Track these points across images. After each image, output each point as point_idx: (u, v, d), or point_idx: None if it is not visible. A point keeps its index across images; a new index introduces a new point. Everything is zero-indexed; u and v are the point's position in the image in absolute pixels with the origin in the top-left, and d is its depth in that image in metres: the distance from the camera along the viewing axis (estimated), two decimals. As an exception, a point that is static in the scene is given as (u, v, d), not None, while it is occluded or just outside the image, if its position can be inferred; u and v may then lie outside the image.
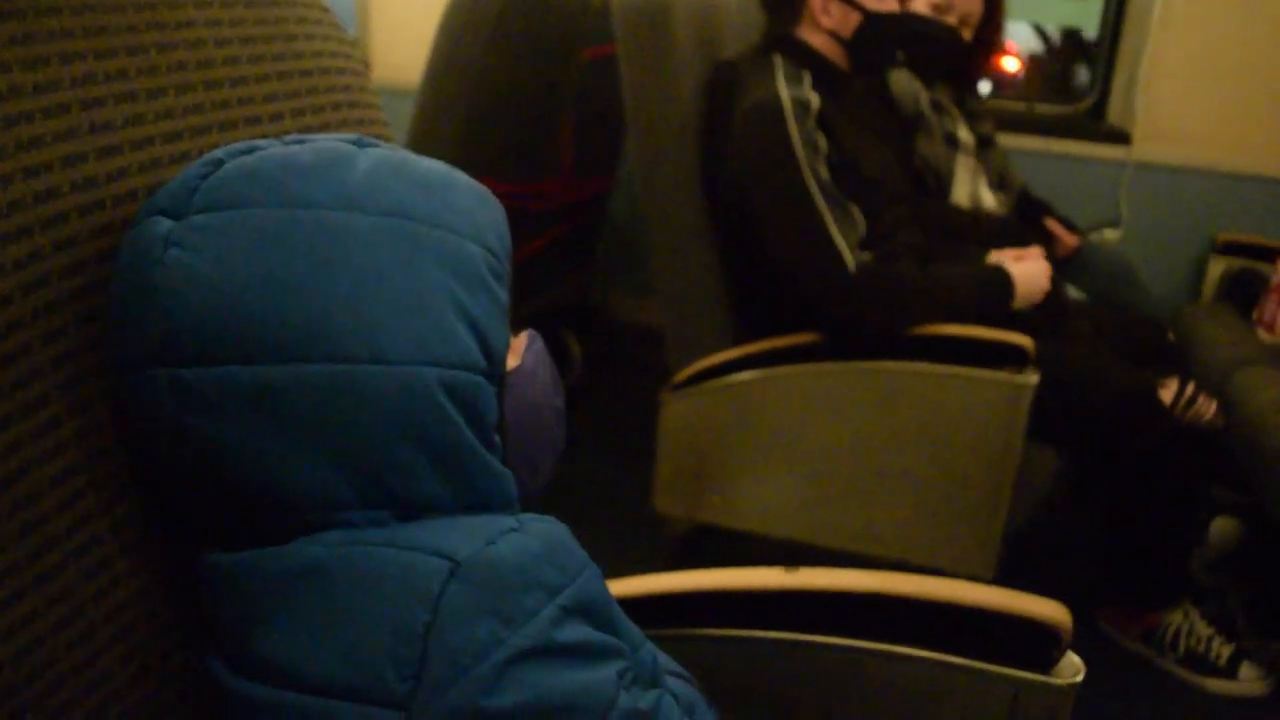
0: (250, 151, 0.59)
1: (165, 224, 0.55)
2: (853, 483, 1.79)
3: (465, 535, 0.56)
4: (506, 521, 0.58)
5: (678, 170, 1.82)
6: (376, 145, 0.61)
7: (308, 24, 0.79)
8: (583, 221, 2.80)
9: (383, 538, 0.55)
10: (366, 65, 0.85)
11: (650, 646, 0.71)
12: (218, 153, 0.59)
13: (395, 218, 0.56)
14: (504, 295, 0.61)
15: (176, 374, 0.54)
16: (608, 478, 2.35)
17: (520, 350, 0.67)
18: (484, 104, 2.16)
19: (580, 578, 0.58)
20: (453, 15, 2.10)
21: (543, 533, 0.58)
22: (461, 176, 0.63)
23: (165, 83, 0.66)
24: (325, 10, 0.82)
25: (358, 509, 0.56)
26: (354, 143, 0.61)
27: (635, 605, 0.89)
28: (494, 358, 0.59)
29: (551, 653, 0.54)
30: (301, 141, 0.60)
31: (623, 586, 0.92)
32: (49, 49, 0.59)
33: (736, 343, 1.85)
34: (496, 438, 0.61)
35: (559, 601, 0.55)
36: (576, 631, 0.56)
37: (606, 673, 0.57)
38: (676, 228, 1.86)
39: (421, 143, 2.15)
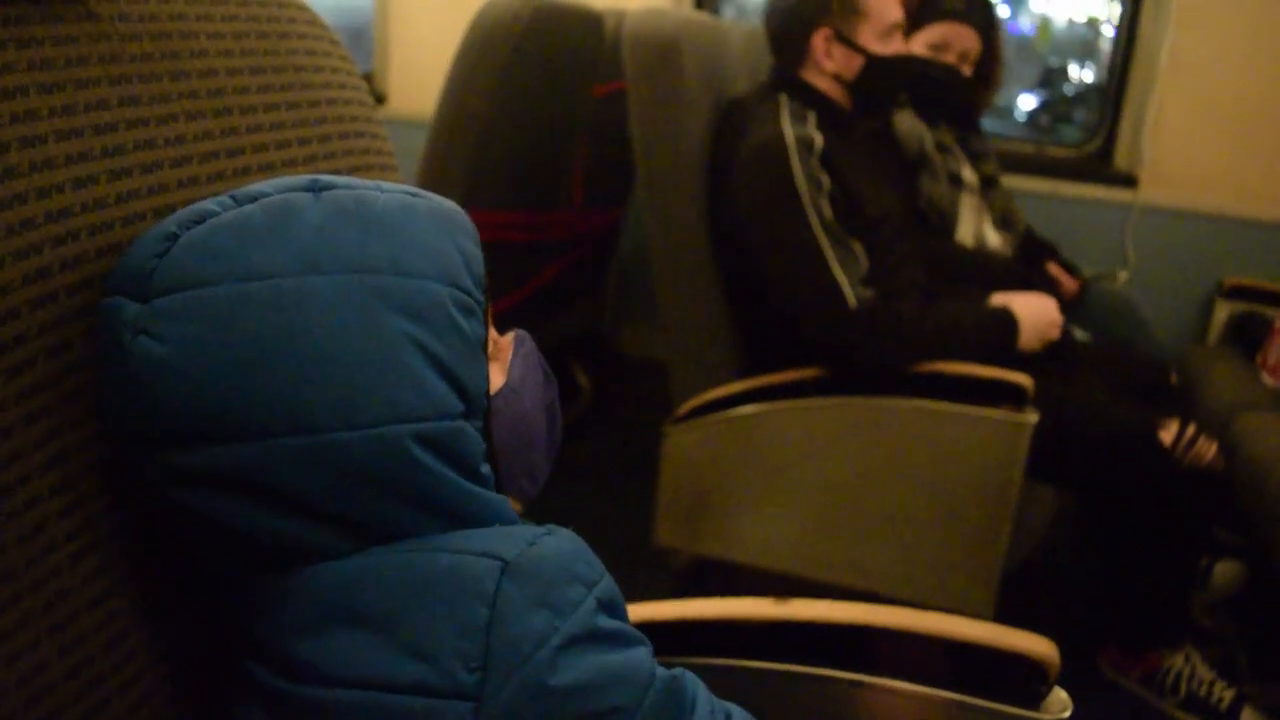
0: (202, 220, 0.58)
1: (131, 308, 0.55)
2: (852, 518, 1.79)
3: (506, 539, 0.59)
4: (537, 529, 0.62)
5: (683, 205, 1.84)
6: (332, 186, 0.61)
7: (317, 55, 0.81)
8: (592, 253, 2.83)
9: (430, 544, 0.58)
10: (381, 98, 0.87)
11: None
12: (169, 225, 0.57)
13: (355, 273, 0.56)
14: (476, 328, 0.61)
15: (158, 456, 0.56)
16: (611, 508, 2.35)
17: (507, 360, 0.68)
18: (496, 136, 2.19)
19: (605, 577, 0.62)
20: (468, 48, 2.13)
21: (571, 537, 0.62)
22: (422, 204, 0.62)
23: (177, 109, 0.68)
24: (335, 43, 0.85)
25: (360, 552, 0.58)
26: (308, 187, 0.60)
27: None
28: (470, 396, 0.60)
29: (596, 638, 0.58)
30: (254, 199, 0.59)
31: (614, 613, 0.93)
32: (65, 75, 0.61)
33: (740, 377, 1.86)
34: (485, 468, 0.62)
35: (595, 594, 0.59)
36: (611, 620, 0.60)
37: (642, 652, 0.61)
38: (682, 262, 1.88)
39: (433, 173, 2.18)
